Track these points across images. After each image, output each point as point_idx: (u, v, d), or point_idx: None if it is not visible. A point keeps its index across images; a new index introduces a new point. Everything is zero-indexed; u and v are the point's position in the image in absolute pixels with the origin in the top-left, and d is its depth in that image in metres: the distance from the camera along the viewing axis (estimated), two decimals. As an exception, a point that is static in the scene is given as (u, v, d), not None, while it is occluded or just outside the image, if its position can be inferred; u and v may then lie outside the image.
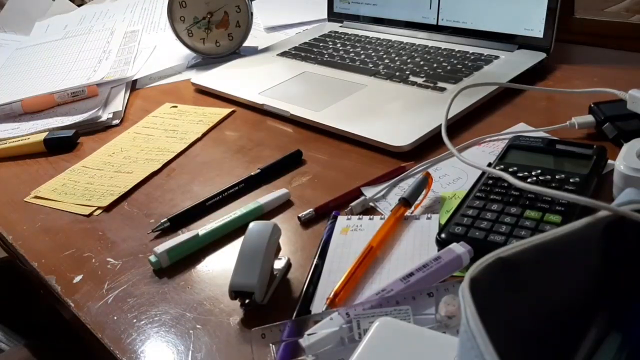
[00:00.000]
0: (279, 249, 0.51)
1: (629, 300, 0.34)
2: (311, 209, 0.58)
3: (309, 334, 0.41)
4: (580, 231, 0.32)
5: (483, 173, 0.56)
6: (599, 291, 0.33)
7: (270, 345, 0.43)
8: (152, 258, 0.55)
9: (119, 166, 0.74)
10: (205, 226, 0.58)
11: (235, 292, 0.47)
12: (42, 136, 0.82)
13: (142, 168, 0.72)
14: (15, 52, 1.24)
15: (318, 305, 0.47)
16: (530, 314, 0.30)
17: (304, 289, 0.49)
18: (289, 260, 0.52)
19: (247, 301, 0.47)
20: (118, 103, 0.92)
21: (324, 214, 0.58)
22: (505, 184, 0.53)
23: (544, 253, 0.31)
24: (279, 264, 0.51)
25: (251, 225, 0.51)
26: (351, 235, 0.54)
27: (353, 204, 0.58)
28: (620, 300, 0.34)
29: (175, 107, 0.88)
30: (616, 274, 0.34)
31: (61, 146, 0.82)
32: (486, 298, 0.28)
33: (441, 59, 0.86)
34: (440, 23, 0.93)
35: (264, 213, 0.60)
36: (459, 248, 0.46)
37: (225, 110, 0.84)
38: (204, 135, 0.79)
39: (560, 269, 0.32)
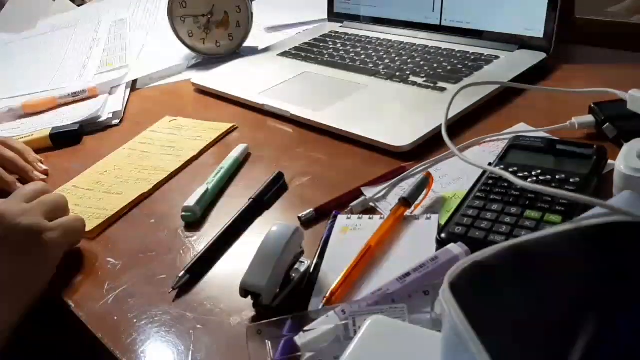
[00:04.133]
0: (301, 253, 0.51)
1: (617, 308, 0.33)
2: (311, 209, 0.58)
3: (304, 331, 0.41)
4: (560, 235, 0.32)
5: (483, 173, 0.56)
6: (587, 298, 0.33)
7: (266, 341, 0.43)
8: (185, 212, 0.61)
9: (110, 186, 0.69)
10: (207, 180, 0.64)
11: (246, 291, 0.47)
12: (47, 131, 0.83)
13: (133, 188, 0.68)
14: (4, 47, 1.25)
15: (316, 304, 0.47)
16: (513, 319, 0.30)
17: (302, 287, 0.49)
18: (310, 264, 0.51)
19: (259, 301, 0.47)
20: (118, 103, 0.92)
21: (324, 214, 0.58)
22: (506, 184, 0.53)
23: (520, 256, 0.31)
24: (300, 267, 0.50)
25: (274, 226, 0.50)
26: (350, 235, 0.54)
27: (353, 204, 0.58)
28: (609, 309, 0.33)
29: (175, 120, 0.84)
30: (605, 281, 0.33)
31: (67, 140, 0.82)
32: (467, 302, 0.28)
33: (441, 59, 0.86)
34: (443, 23, 0.93)
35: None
36: (456, 248, 0.46)
37: (225, 126, 0.79)
38: (201, 152, 0.74)
39: (539, 274, 0.31)
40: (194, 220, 0.61)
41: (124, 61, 1.03)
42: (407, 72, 0.83)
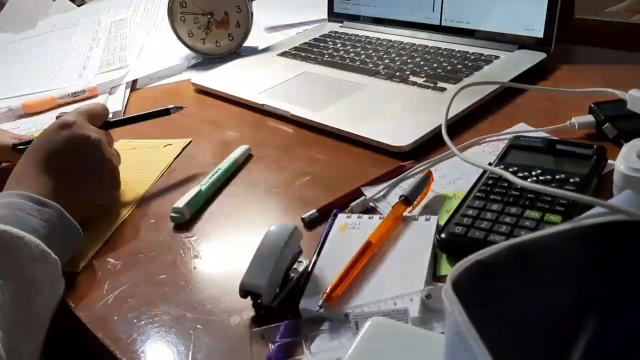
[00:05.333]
0: (299, 253, 0.51)
1: (618, 308, 0.33)
2: (314, 210, 0.58)
3: (308, 334, 0.41)
4: (561, 234, 0.32)
5: (483, 173, 0.56)
6: (588, 297, 0.33)
7: (270, 345, 0.43)
8: (174, 213, 0.61)
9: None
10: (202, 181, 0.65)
11: (245, 291, 0.47)
12: None
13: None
14: (5, 47, 1.25)
15: (313, 301, 0.47)
16: (515, 318, 0.30)
17: (301, 287, 0.49)
18: (309, 264, 0.51)
19: (259, 301, 0.47)
20: (118, 103, 0.92)
21: (328, 215, 0.57)
22: (506, 184, 0.53)
23: (521, 255, 0.31)
24: (298, 267, 0.50)
25: (272, 226, 0.50)
26: (349, 234, 0.54)
27: (353, 204, 0.57)
28: (610, 308, 0.33)
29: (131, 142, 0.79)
30: (606, 280, 0.33)
31: None
32: (469, 301, 0.28)
33: (441, 59, 0.86)
34: (443, 23, 0.93)
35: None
36: None
37: (183, 141, 0.77)
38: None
39: (539, 272, 0.31)
40: (183, 222, 0.61)
41: (125, 61, 1.04)
42: (407, 72, 0.83)
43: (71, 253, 0.55)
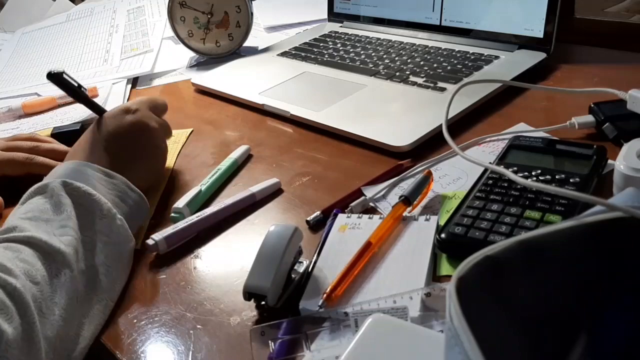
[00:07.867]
0: (300, 253, 0.51)
1: (623, 304, 0.33)
2: (318, 212, 0.58)
3: (308, 332, 0.41)
4: (567, 231, 0.32)
5: (483, 173, 0.56)
6: (589, 295, 0.33)
7: (270, 342, 0.43)
8: (174, 213, 0.61)
9: None
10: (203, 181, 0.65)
11: (249, 293, 0.47)
12: (48, 131, 0.83)
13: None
14: (22, 36, 1.25)
15: (313, 301, 0.47)
16: (520, 314, 0.30)
17: (302, 287, 0.49)
18: (309, 264, 0.51)
19: (262, 303, 0.47)
20: (118, 103, 0.92)
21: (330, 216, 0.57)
22: (506, 184, 0.53)
23: (529, 251, 0.31)
24: (299, 268, 0.50)
25: (272, 227, 0.50)
26: (349, 233, 0.54)
27: (353, 204, 0.57)
28: (615, 304, 0.33)
29: None
30: (612, 276, 0.34)
31: (69, 140, 0.82)
32: (474, 296, 0.28)
33: (441, 59, 0.86)
34: (443, 23, 0.93)
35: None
36: None
37: (185, 132, 0.80)
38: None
39: (546, 268, 0.32)
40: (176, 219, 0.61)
41: (149, 46, 1.04)
42: (407, 72, 0.83)
43: (140, 222, 0.60)
